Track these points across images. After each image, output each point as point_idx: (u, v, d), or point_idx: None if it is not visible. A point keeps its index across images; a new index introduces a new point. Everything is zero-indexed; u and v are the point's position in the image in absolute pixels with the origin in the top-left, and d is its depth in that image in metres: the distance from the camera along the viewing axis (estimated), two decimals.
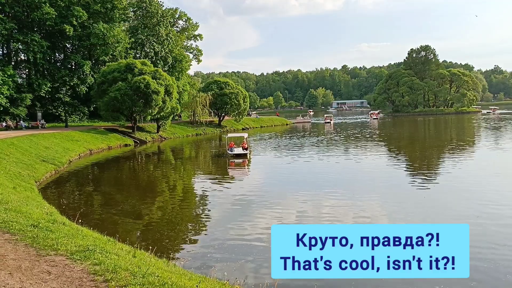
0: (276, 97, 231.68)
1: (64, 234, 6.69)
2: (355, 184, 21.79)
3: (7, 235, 6.19)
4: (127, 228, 14.36)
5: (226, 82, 68.30)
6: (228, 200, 18.67)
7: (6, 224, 6.76)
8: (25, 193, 15.07)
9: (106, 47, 55.13)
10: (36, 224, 6.91)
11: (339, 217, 14.93)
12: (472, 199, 17.04)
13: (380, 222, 14.24)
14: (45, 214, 8.88)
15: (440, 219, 14.35)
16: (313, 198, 18.28)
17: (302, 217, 15.15)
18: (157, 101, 45.86)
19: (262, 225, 14.00)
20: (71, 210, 16.00)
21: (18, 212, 8.06)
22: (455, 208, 15.85)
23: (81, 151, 36.12)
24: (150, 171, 30.21)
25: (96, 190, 22.43)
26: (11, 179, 17.61)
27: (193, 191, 21.68)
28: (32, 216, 7.92)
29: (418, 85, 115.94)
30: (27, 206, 9.17)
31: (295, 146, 42.45)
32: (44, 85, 50.15)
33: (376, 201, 17.40)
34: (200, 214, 16.76)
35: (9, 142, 27.89)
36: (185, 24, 78.69)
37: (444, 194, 18.47)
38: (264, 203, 17.43)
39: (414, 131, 64.48)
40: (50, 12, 48.67)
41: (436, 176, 23.54)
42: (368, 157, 32.54)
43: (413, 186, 20.60)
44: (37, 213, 8.60)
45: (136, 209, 17.47)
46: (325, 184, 21.59)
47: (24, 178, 19.87)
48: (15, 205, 8.74)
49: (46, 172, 24.28)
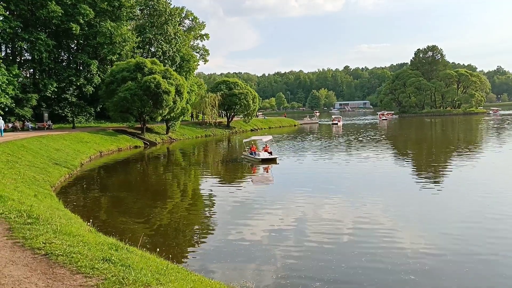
0: (278, 98, 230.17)
1: (149, 271, 5.18)
2: (390, 190, 20.34)
3: (80, 278, 4.62)
4: (159, 240, 12.88)
5: (235, 82, 66.77)
6: (249, 207, 17.19)
7: (70, 258, 5.18)
8: (47, 201, 13.57)
9: (113, 46, 53.59)
10: (107, 258, 5.37)
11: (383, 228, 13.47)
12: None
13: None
14: (98, 236, 7.44)
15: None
16: (350, 208, 16.78)
17: (324, 225, 13.89)
18: (167, 101, 44.32)
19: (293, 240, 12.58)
20: (96, 220, 14.52)
21: (69, 235, 6.57)
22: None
23: (92, 153, 34.65)
24: (166, 175, 28.68)
25: (114, 196, 20.89)
26: (28, 185, 16.11)
27: (218, 198, 20.11)
28: (89, 241, 6.43)
29: (425, 86, 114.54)
30: (71, 225, 7.67)
31: (314, 148, 40.92)
32: (50, 85, 48.56)
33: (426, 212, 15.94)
34: (231, 222, 15.24)
35: (19, 144, 26.40)
36: (191, 23, 77.27)
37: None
38: (297, 216, 15.95)
39: (431, 133, 63.08)
40: (56, 10, 47.11)
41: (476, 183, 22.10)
42: (400, 162, 31.07)
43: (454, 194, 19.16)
44: (91, 237, 7.09)
45: (162, 217, 15.99)
46: (361, 189, 20.14)
47: (40, 183, 18.37)
48: (59, 225, 7.26)
49: (60, 176, 22.78)
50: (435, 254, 11.05)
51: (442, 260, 10.60)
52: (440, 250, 11.42)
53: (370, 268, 10.18)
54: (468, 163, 27.50)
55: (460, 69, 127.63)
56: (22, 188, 13.69)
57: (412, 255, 11.03)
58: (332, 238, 12.74)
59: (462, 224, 13.77)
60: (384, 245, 11.88)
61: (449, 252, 11.18)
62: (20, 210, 8.17)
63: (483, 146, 38.72)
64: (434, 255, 10.97)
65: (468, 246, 11.74)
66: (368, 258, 10.89)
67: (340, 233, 13.25)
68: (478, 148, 37.14)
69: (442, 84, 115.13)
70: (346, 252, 11.49)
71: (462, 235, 12.68)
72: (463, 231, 13.08)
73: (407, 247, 11.69)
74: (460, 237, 12.47)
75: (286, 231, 13.62)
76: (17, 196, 10.64)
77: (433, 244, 11.99)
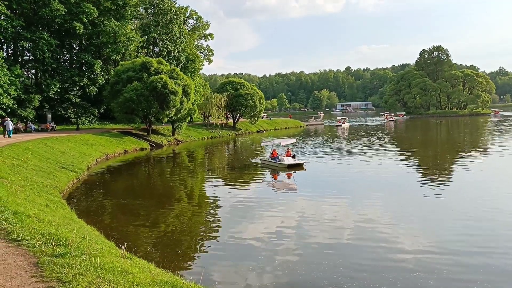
0: (280, 99, 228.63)
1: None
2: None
3: None
4: (184, 259, 11.58)
5: (241, 83, 65.41)
6: (270, 218, 15.88)
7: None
8: (60, 211, 12.26)
9: (117, 46, 52.23)
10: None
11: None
12: None
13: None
14: (142, 267, 6.15)
15: None
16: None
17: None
18: (174, 102, 43.02)
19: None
20: (114, 231, 13.23)
21: (113, 272, 5.14)
22: None
23: (98, 156, 33.35)
24: (177, 179, 27.30)
25: (126, 203, 19.51)
26: (37, 192, 14.79)
27: (235, 206, 18.74)
28: (139, 280, 5.09)
29: (431, 86, 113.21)
30: (105, 255, 6.29)
31: (330, 150, 39.60)
32: (53, 86, 47.14)
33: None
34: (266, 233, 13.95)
35: (24, 146, 25.08)
36: (195, 23, 76.00)
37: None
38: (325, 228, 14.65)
39: (444, 135, 61.78)
40: (59, 8, 45.80)
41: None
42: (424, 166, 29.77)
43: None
44: (137, 271, 5.74)
45: (184, 229, 14.68)
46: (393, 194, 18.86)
47: (49, 189, 17.05)
48: (95, 255, 5.91)
49: (68, 181, 21.47)
50: (441, 257, 11.02)
51: (443, 261, 10.65)
52: (444, 252, 11.39)
53: (379, 269, 10.26)
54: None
55: (466, 70, 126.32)
56: (32, 197, 12.37)
57: (421, 258, 10.95)
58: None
59: (470, 230, 13.38)
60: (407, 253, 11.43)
61: (451, 254, 11.21)
62: (43, 232, 6.91)
63: (506, 148, 37.41)
64: (440, 258, 10.95)
65: (472, 249, 11.63)
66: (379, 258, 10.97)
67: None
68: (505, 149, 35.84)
69: (448, 85, 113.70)
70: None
71: (468, 240, 12.46)
72: (470, 235, 12.83)
73: (418, 252, 11.52)
74: (465, 241, 12.30)
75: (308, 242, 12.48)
76: (31, 209, 9.32)
77: (444, 249, 11.74)
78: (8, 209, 8.42)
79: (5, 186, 12.18)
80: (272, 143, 30.81)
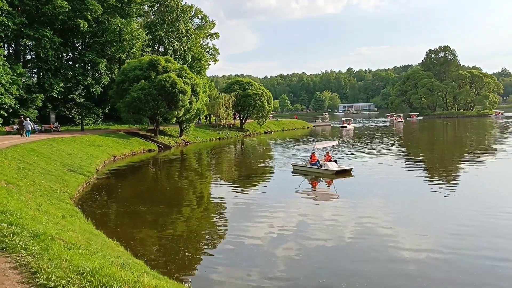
0: (282, 100, 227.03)
1: None
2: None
3: None
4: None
5: (249, 82, 63.66)
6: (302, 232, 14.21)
7: None
8: (77, 223, 10.57)
9: (122, 44, 50.55)
10: None
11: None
12: None
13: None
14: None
15: None
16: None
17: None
18: (183, 102, 41.31)
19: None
20: (139, 246, 11.54)
21: None
22: None
23: (105, 157, 31.65)
24: (191, 184, 25.61)
25: (140, 210, 17.78)
26: (48, 199, 13.07)
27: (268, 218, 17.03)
28: None
29: (437, 87, 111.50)
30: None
31: (356, 153, 37.83)
32: (56, 85, 45.37)
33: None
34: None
35: (29, 148, 23.38)
36: (200, 21, 74.35)
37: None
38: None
39: (459, 136, 60.09)
40: (63, 5, 44.08)
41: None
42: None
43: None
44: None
45: (208, 241, 13.01)
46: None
47: (59, 195, 15.36)
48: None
49: (78, 185, 19.75)
50: (445, 260, 10.74)
51: (445, 262, 10.54)
52: (448, 254, 11.13)
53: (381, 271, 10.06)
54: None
55: (473, 70, 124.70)
56: (45, 206, 10.63)
57: (426, 261, 10.67)
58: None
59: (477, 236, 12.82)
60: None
61: (453, 255, 11.02)
62: (82, 271, 4.84)
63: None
64: (443, 260, 10.70)
65: (476, 253, 11.26)
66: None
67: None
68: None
69: (455, 85, 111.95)
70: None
71: (472, 243, 12.05)
72: (475, 239, 12.40)
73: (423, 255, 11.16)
74: (468, 244, 11.96)
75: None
76: (50, 225, 7.50)
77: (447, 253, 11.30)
78: (25, 229, 6.47)
79: (14, 194, 10.42)
80: (314, 147, 27.18)
